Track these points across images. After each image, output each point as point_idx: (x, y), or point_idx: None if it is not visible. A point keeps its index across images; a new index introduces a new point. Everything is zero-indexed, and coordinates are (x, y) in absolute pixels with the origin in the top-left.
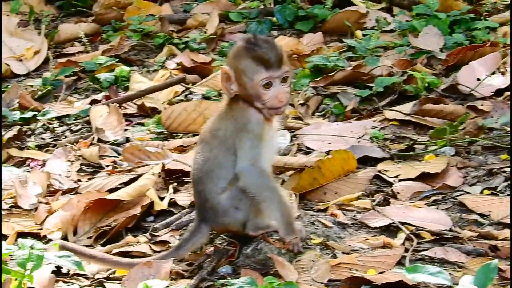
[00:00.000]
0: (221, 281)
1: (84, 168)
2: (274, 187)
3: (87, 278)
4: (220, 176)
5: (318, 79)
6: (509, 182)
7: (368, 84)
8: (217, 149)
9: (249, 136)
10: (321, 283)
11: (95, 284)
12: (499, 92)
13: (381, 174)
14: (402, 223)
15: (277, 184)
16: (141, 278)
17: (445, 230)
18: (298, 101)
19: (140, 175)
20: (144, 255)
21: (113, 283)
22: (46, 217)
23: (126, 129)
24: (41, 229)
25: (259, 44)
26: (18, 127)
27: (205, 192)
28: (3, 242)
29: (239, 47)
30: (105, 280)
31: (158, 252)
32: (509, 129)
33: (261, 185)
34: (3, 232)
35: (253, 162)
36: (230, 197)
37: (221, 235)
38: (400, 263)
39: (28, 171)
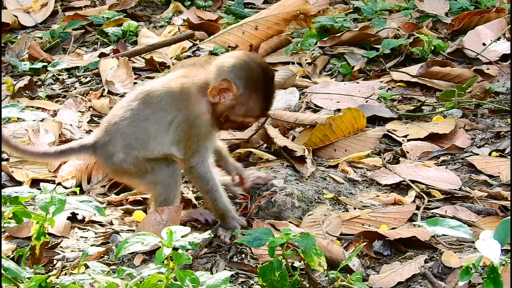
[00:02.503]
0: (238, 230)
1: (95, 119)
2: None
3: (102, 225)
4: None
5: (325, 39)
6: None
7: (375, 46)
8: (153, 117)
9: (200, 138)
10: (334, 236)
11: (110, 231)
12: (504, 57)
13: (390, 134)
14: (413, 181)
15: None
16: (153, 225)
17: (455, 189)
18: (306, 60)
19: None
20: None
21: (128, 232)
22: (60, 165)
23: (135, 83)
24: (55, 176)
25: (272, 86)
26: (29, 77)
27: None
28: (24, 186)
29: (260, 81)
30: (119, 229)
31: None
32: None
33: (206, 178)
34: (18, 178)
35: (203, 160)
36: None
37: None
38: (411, 220)
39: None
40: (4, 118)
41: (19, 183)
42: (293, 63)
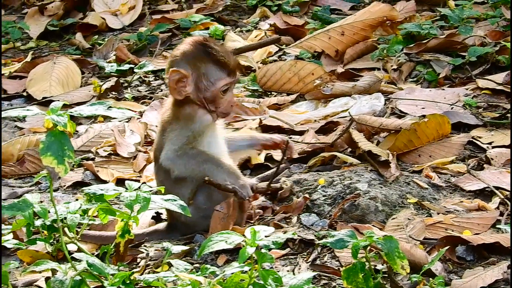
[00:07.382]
0: (322, 232)
1: None
2: (207, 159)
3: None
4: (179, 193)
5: (411, 45)
6: None
7: (461, 53)
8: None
9: (183, 131)
10: (417, 240)
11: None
12: None
13: (474, 140)
14: (497, 188)
15: (208, 155)
16: (220, 223)
17: None
18: (392, 66)
19: (237, 129)
20: None
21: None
22: (145, 165)
23: None
24: (140, 176)
25: (218, 49)
26: (115, 78)
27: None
28: (109, 183)
29: (200, 50)
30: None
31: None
32: None
33: (194, 166)
34: (103, 177)
35: (179, 150)
36: (196, 208)
37: None
38: (494, 226)
39: (128, 120)
40: (91, 116)
41: (104, 182)
42: (378, 69)
